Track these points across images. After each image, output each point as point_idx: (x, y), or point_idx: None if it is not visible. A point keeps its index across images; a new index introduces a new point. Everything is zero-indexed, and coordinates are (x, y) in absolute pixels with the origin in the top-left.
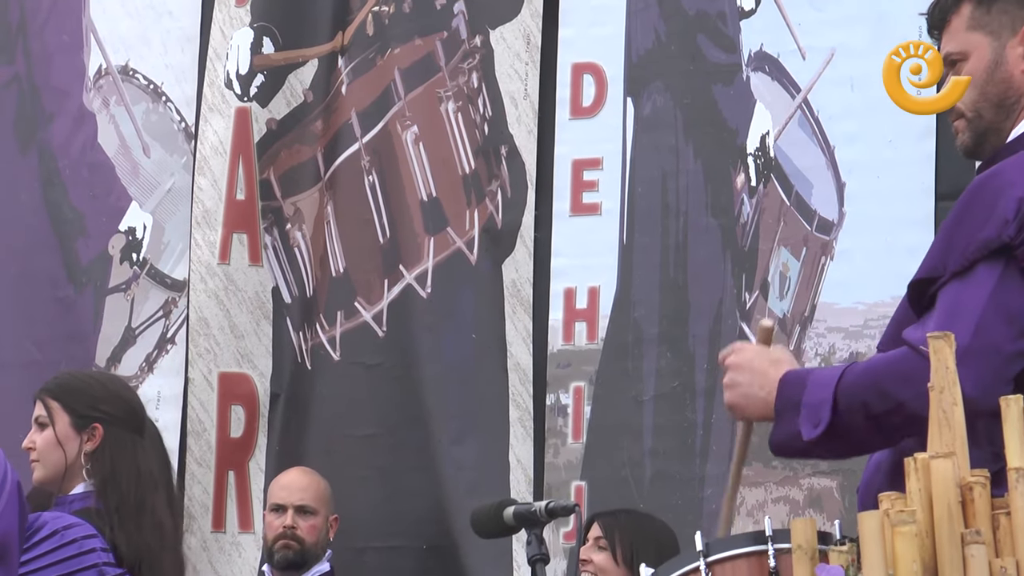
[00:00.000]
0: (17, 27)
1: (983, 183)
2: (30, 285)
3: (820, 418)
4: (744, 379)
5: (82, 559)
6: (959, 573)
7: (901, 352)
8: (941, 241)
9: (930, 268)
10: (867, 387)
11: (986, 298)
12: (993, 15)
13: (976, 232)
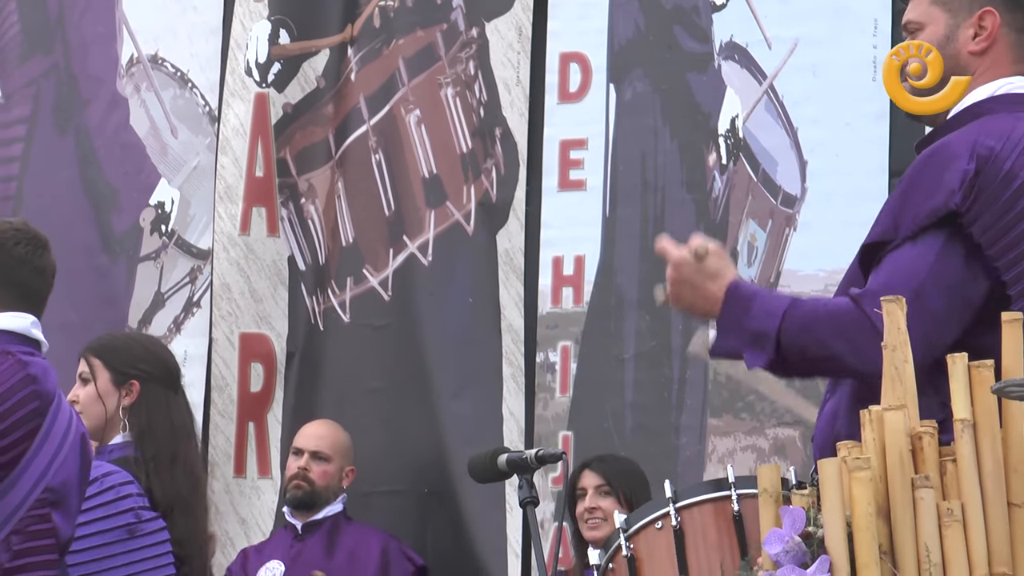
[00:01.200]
0: (56, 20)
1: (931, 156)
2: (68, 254)
3: (764, 351)
4: (686, 294)
5: (120, 503)
6: (910, 515)
7: (847, 306)
8: (891, 208)
9: (881, 232)
10: (807, 334)
11: (929, 265)
12: None
13: (925, 201)
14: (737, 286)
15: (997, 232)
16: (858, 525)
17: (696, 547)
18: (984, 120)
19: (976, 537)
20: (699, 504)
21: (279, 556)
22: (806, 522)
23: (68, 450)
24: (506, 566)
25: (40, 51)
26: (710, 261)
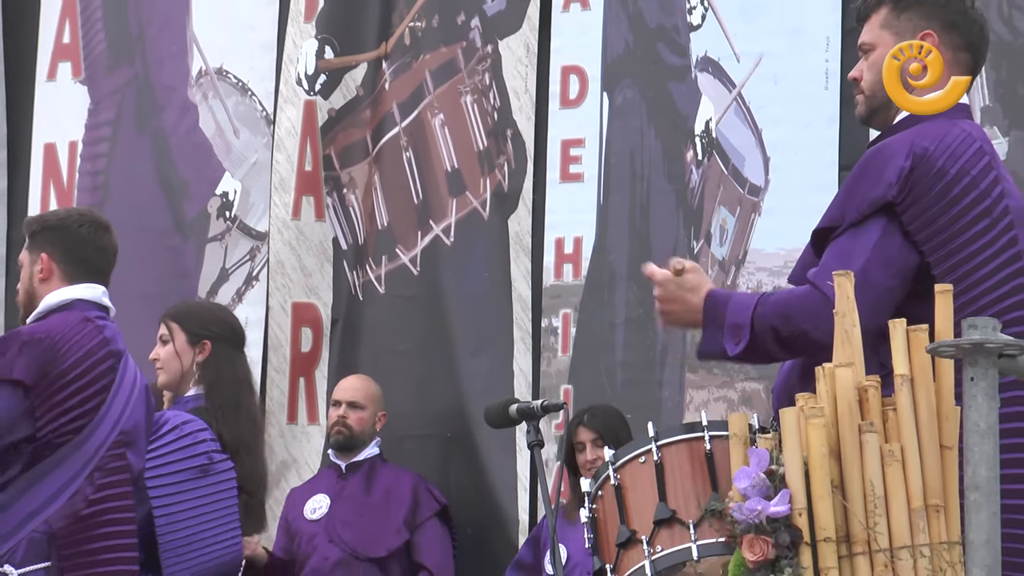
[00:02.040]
0: (136, 37)
1: (874, 154)
2: (147, 236)
3: (740, 338)
4: (674, 308)
5: (195, 447)
6: (857, 455)
7: (806, 289)
8: (839, 199)
9: (830, 219)
10: (777, 317)
11: (872, 246)
12: (901, 21)
13: (868, 192)
14: (713, 293)
15: (925, 220)
16: (813, 464)
17: (673, 478)
18: (923, 125)
19: (913, 474)
20: (676, 443)
21: (325, 491)
22: (769, 461)
23: (135, 399)
24: (516, 498)
25: (123, 64)
26: (688, 276)
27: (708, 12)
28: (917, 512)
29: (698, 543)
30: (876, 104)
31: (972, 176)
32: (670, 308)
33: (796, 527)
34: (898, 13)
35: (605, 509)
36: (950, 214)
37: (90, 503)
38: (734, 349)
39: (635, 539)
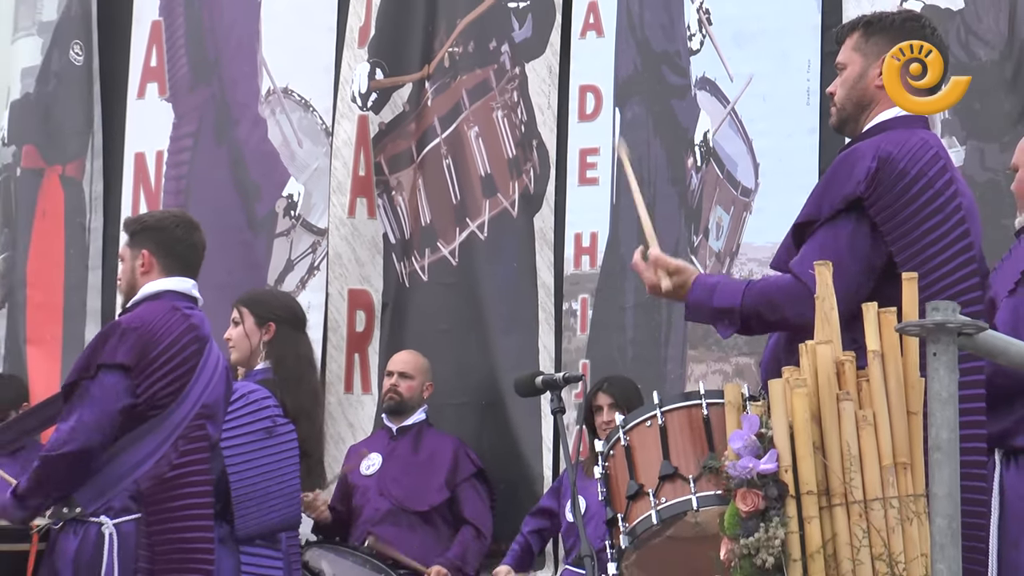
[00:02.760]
0: (213, 61)
1: (844, 157)
2: (222, 232)
3: (733, 323)
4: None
5: (260, 412)
6: (835, 420)
7: (788, 279)
8: (816, 196)
9: (808, 214)
10: (763, 303)
11: (845, 239)
12: (869, 44)
13: (840, 190)
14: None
15: (889, 214)
16: (798, 428)
17: (675, 440)
18: (887, 133)
19: (884, 436)
20: (678, 409)
21: (378, 450)
22: (759, 425)
23: (217, 378)
24: (541, 457)
25: (202, 84)
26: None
27: (705, 39)
28: (887, 469)
29: (697, 495)
30: (846, 115)
31: (929, 176)
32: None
33: (783, 482)
34: (867, 38)
35: (616, 466)
36: (910, 209)
37: (173, 467)
38: (726, 333)
39: (642, 492)
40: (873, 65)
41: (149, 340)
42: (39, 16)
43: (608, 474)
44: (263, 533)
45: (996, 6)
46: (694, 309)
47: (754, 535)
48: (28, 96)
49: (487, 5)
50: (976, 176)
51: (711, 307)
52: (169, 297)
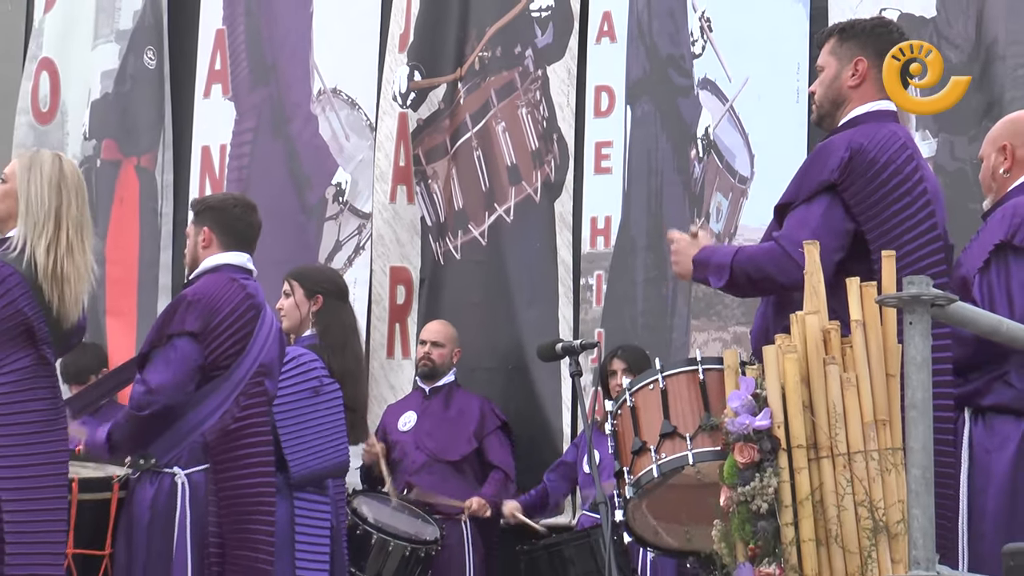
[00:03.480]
0: (271, 64)
1: (821, 148)
2: (278, 216)
3: (723, 276)
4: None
5: (308, 373)
6: (822, 382)
7: (771, 245)
8: (795, 182)
9: (789, 197)
10: (750, 265)
11: (820, 217)
12: (843, 49)
13: (817, 176)
14: (706, 246)
15: (861, 197)
16: (789, 389)
17: (675, 401)
18: (859, 127)
19: (865, 396)
20: (677, 374)
21: (413, 408)
22: (755, 387)
23: (272, 340)
24: (561, 416)
25: (261, 85)
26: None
27: (707, 44)
28: (868, 425)
29: (693, 451)
30: (824, 111)
31: (897, 164)
32: (678, 259)
33: (776, 437)
34: (841, 42)
35: (623, 425)
36: (880, 192)
37: (236, 420)
38: (717, 283)
39: (645, 448)
40: (846, 67)
41: (211, 309)
42: (116, 25)
43: (616, 431)
44: (312, 480)
45: (964, 14)
46: (698, 264)
47: (750, 484)
48: (107, 96)
49: (513, 14)
50: (947, 166)
51: (710, 262)
52: (227, 270)
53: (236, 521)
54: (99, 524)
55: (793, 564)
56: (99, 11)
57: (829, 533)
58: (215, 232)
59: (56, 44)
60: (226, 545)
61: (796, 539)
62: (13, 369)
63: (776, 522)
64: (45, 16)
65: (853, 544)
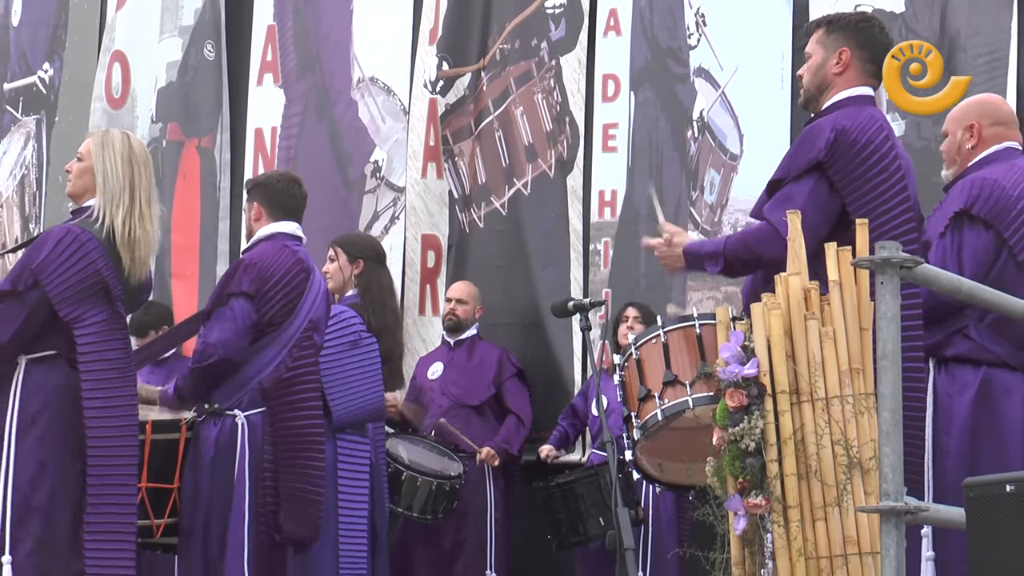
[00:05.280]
0: (315, 56)
1: (809, 130)
2: (324, 190)
3: (718, 263)
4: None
5: (348, 328)
6: (803, 335)
7: (762, 225)
8: (786, 160)
9: (781, 174)
10: (740, 247)
11: (807, 193)
12: (829, 39)
13: (806, 155)
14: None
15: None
16: (774, 341)
17: (675, 353)
18: (842, 110)
19: (841, 347)
20: (677, 329)
21: (440, 359)
22: (744, 340)
23: (319, 299)
24: (572, 365)
25: (307, 74)
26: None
27: (701, 37)
28: (844, 373)
29: (692, 396)
30: (810, 95)
31: (875, 144)
32: (665, 259)
33: (762, 383)
34: (828, 33)
35: (630, 375)
36: (861, 169)
37: (289, 369)
38: (714, 270)
39: (650, 395)
40: (832, 56)
41: (266, 272)
42: (179, 21)
43: (624, 381)
44: (353, 423)
45: (930, 9)
46: (690, 255)
47: (739, 425)
48: (171, 84)
49: (530, 11)
50: (913, 143)
51: (702, 252)
52: (280, 238)
53: (290, 456)
54: (169, 461)
55: (777, 495)
56: (164, 9)
57: (809, 468)
58: (264, 206)
59: (127, 38)
60: (280, 477)
61: (780, 473)
62: (94, 322)
63: (762, 459)
64: (117, 13)
65: (830, 478)
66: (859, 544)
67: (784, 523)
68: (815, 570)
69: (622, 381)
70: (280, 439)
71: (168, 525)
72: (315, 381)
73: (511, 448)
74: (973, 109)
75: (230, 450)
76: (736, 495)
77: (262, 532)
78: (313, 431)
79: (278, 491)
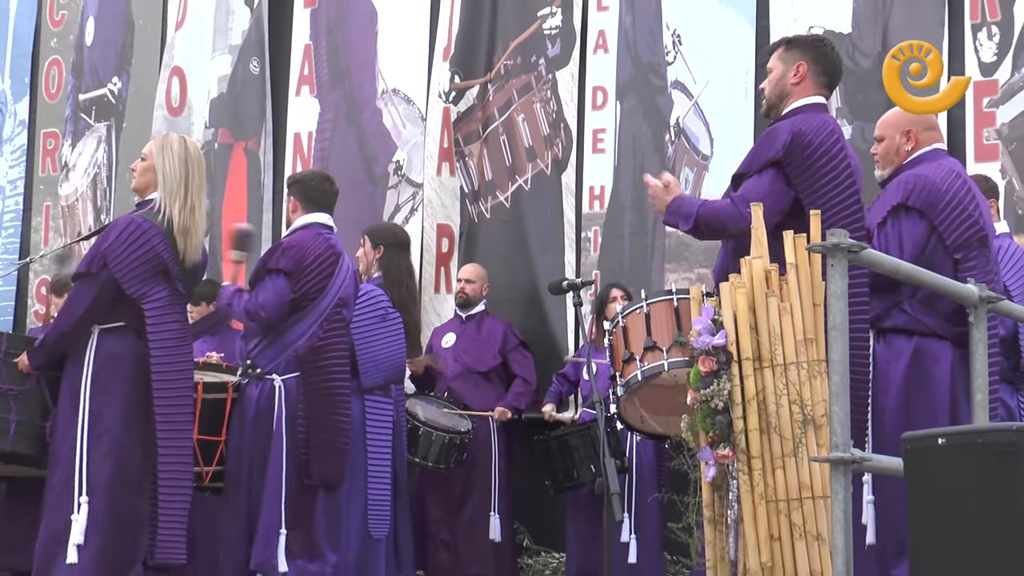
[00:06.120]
0: (344, 71)
1: (769, 132)
2: (352, 186)
3: (689, 223)
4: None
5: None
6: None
7: (727, 202)
8: (749, 157)
9: (744, 168)
10: (710, 216)
11: (767, 185)
12: (788, 55)
13: (765, 154)
14: (678, 196)
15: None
16: (740, 315)
17: (656, 322)
18: (799, 116)
19: (797, 320)
20: (657, 302)
21: (453, 331)
22: (714, 313)
23: (348, 279)
24: (566, 336)
25: (338, 86)
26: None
27: (677, 54)
28: (799, 342)
29: (668, 360)
30: (771, 103)
31: (827, 145)
32: (655, 200)
33: (729, 351)
34: (787, 50)
35: (617, 340)
36: (814, 167)
37: (321, 339)
38: (684, 227)
39: (633, 358)
40: (790, 69)
41: (301, 254)
42: (229, 41)
43: (612, 345)
44: (379, 385)
45: (873, 30)
46: (671, 210)
47: (710, 387)
48: (222, 95)
49: (530, 32)
50: (859, 146)
51: (680, 211)
52: (315, 227)
53: (321, 413)
54: (217, 417)
55: (742, 447)
56: (216, 30)
57: (769, 424)
58: (299, 200)
59: (184, 55)
60: (312, 432)
61: (744, 429)
62: (158, 298)
63: (729, 416)
64: (175, 34)
65: (787, 432)
66: (812, 489)
67: (748, 471)
68: (775, 511)
69: (611, 344)
70: (312, 398)
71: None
72: (343, 349)
73: (519, 405)
74: (907, 117)
75: (269, 409)
76: (707, 447)
77: (296, 478)
78: (341, 391)
79: (310, 443)
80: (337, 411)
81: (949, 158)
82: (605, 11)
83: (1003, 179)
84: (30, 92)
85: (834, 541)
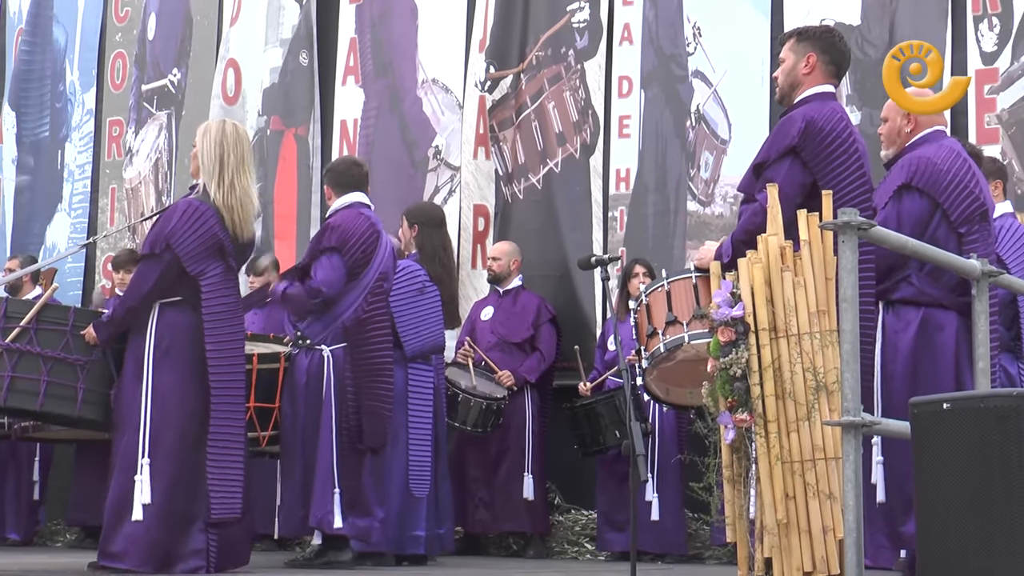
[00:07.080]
0: (387, 62)
1: (784, 120)
2: (393, 170)
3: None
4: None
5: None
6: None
7: (756, 206)
8: (766, 146)
9: (762, 157)
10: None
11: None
12: (800, 46)
13: (782, 142)
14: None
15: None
16: (756, 288)
17: (676, 299)
18: (810, 104)
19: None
20: (677, 280)
21: (491, 304)
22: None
23: (388, 255)
24: (595, 309)
25: (382, 77)
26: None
27: (698, 46)
28: (812, 314)
29: (688, 332)
30: (784, 92)
31: (837, 131)
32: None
33: (747, 322)
34: (798, 42)
35: (641, 316)
36: (826, 152)
37: (365, 312)
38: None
39: (656, 332)
40: (801, 60)
41: (347, 232)
42: (280, 35)
43: (637, 321)
44: (421, 354)
45: (881, 22)
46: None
47: (729, 356)
48: (274, 85)
49: (560, 25)
50: (867, 131)
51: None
52: (356, 206)
53: (366, 381)
54: (271, 386)
55: (759, 412)
56: (268, 25)
57: (784, 390)
58: (331, 186)
59: (238, 48)
60: (360, 398)
61: (761, 395)
62: (214, 274)
63: (747, 383)
64: (230, 28)
65: (801, 398)
66: (825, 451)
67: (764, 434)
68: (790, 472)
69: (635, 321)
70: (358, 367)
71: (271, 436)
72: (386, 321)
73: (529, 377)
74: None
75: (319, 377)
76: (726, 412)
77: (345, 441)
78: (385, 360)
79: (358, 409)
80: (382, 379)
81: (949, 138)
82: (630, 6)
83: (1003, 161)
84: (97, 83)
85: (845, 499)
